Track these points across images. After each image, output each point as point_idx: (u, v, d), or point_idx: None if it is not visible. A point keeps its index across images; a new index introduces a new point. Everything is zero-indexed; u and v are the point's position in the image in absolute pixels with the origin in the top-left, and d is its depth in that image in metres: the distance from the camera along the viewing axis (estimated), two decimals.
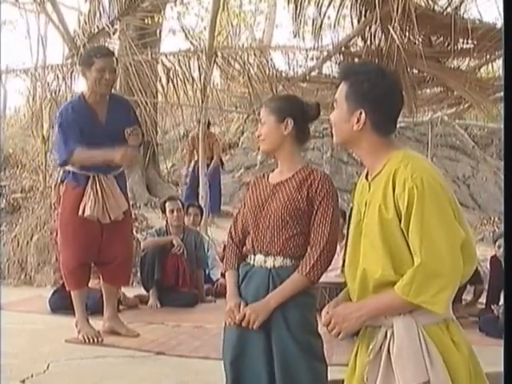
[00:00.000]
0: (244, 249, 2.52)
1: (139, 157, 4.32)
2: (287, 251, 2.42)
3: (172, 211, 6.03)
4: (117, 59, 4.50)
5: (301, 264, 2.40)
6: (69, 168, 4.41)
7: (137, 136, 4.37)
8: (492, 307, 5.23)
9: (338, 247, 2.51)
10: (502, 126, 2.05)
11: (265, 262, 2.43)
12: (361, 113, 1.87)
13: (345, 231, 2.94)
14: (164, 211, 6.13)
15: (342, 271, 2.01)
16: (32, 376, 3.57)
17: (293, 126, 2.46)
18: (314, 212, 2.41)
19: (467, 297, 5.87)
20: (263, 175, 2.59)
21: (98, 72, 4.21)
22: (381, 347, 1.80)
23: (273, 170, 2.60)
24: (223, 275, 2.67)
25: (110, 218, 4.36)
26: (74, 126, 4.22)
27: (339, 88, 1.94)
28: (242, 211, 2.55)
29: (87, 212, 4.30)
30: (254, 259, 2.46)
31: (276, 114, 2.47)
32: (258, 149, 2.66)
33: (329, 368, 2.57)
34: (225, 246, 7.66)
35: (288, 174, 2.48)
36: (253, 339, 2.39)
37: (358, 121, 1.87)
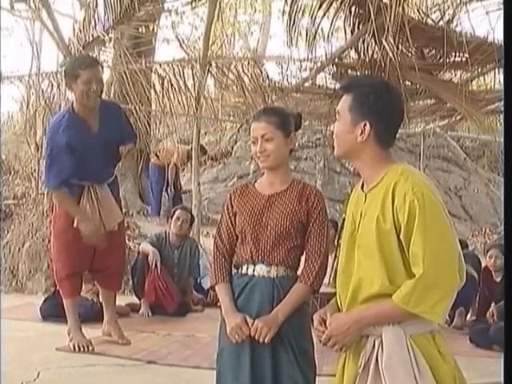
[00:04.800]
0: (235, 259, 2.51)
1: (101, 231, 4.38)
2: (288, 261, 2.45)
3: (178, 219, 6.06)
4: (102, 67, 4.41)
5: (302, 274, 2.43)
6: None
7: (132, 156, 4.37)
8: (492, 311, 5.24)
9: (331, 257, 2.54)
10: (502, 138, 2.08)
11: (268, 271, 2.44)
12: (365, 124, 1.89)
13: (336, 242, 2.93)
14: (172, 217, 6.14)
15: (334, 281, 2.03)
16: None
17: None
18: (311, 224, 2.46)
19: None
20: (246, 185, 2.58)
21: (85, 84, 4.08)
22: (369, 357, 1.82)
23: (255, 181, 2.60)
24: (212, 288, 2.63)
25: (104, 229, 4.36)
26: (61, 154, 4.16)
27: (342, 100, 1.96)
28: (226, 221, 2.53)
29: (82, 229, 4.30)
30: (254, 269, 2.46)
31: (281, 129, 2.47)
32: (251, 158, 2.66)
33: (320, 378, 2.58)
34: None
35: (281, 187, 2.50)
36: (262, 354, 2.38)
37: (362, 132, 1.89)
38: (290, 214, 2.44)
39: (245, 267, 2.47)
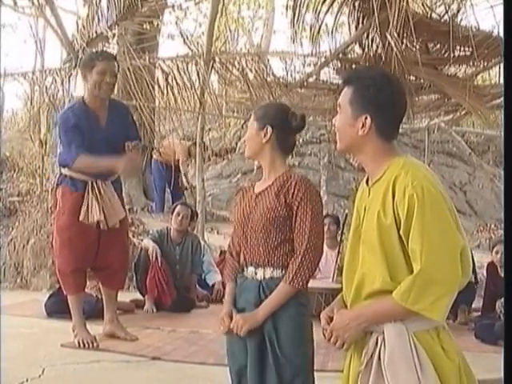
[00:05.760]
0: (241, 261, 2.52)
1: (140, 169, 4.44)
2: (275, 261, 2.40)
3: (178, 214, 6.06)
4: (118, 64, 4.47)
5: (286, 273, 2.37)
6: (66, 172, 4.41)
7: (137, 151, 4.40)
8: (497, 309, 5.22)
9: (333, 253, 2.50)
10: (502, 132, 2.06)
11: (255, 273, 2.42)
12: (366, 118, 1.86)
13: (340, 237, 2.90)
14: (172, 212, 6.15)
15: (339, 276, 2.02)
16: (27, 380, 3.57)
17: (272, 134, 2.43)
18: (293, 218, 2.38)
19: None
20: (251, 185, 2.58)
21: (99, 75, 4.20)
22: (372, 354, 1.80)
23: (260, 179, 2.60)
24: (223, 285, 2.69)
25: (107, 225, 4.37)
26: (75, 131, 4.22)
27: (343, 93, 1.93)
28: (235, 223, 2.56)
29: (95, 218, 4.31)
30: (247, 271, 2.46)
31: (258, 121, 2.47)
32: None
33: (325, 374, 2.57)
34: (221, 252, 7.72)
35: (269, 182, 2.46)
36: (250, 350, 2.38)
37: (363, 126, 1.86)
38: (267, 212, 2.38)
39: (243, 269, 2.48)
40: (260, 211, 2.41)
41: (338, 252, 5.76)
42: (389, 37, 6.26)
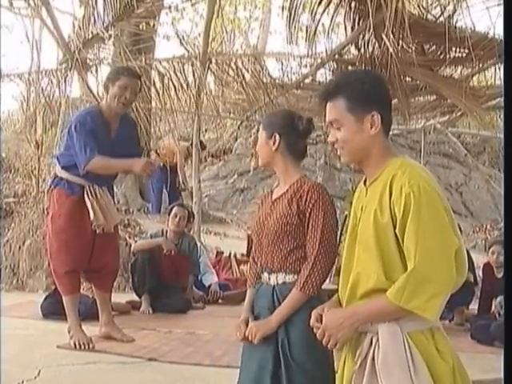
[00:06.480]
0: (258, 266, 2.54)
1: (157, 170, 4.51)
2: (287, 267, 2.40)
3: (176, 216, 6.06)
4: (141, 83, 4.50)
5: (298, 279, 2.38)
6: (62, 175, 4.41)
7: (150, 171, 4.43)
8: (494, 308, 5.24)
9: None
10: (502, 134, 2.06)
11: (269, 279, 2.44)
12: (373, 115, 1.86)
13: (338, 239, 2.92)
14: (169, 214, 6.15)
15: (336, 277, 2.01)
16: (23, 382, 3.55)
17: (281, 141, 2.45)
18: (306, 224, 2.39)
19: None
20: (271, 191, 2.59)
21: (120, 89, 4.25)
22: (366, 354, 1.79)
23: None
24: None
25: (102, 230, 4.38)
26: (90, 136, 4.23)
27: (331, 107, 1.92)
28: None
29: (100, 222, 4.33)
30: (262, 276, 2.47)
31: (266, 129, 2.49)
32: (252, 155, 2.67)
33: None
34: (217, 252, 7.73)
35: (284, 189, 2.48)
36: (266, 358, 2.37)
37: (372, 124, 1.86)
38: (279, 219, 2.40)
39: (260, 275, 2.50)
40: (274, 218, 2.42)
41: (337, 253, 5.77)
42: (385, 38, 6.28)
